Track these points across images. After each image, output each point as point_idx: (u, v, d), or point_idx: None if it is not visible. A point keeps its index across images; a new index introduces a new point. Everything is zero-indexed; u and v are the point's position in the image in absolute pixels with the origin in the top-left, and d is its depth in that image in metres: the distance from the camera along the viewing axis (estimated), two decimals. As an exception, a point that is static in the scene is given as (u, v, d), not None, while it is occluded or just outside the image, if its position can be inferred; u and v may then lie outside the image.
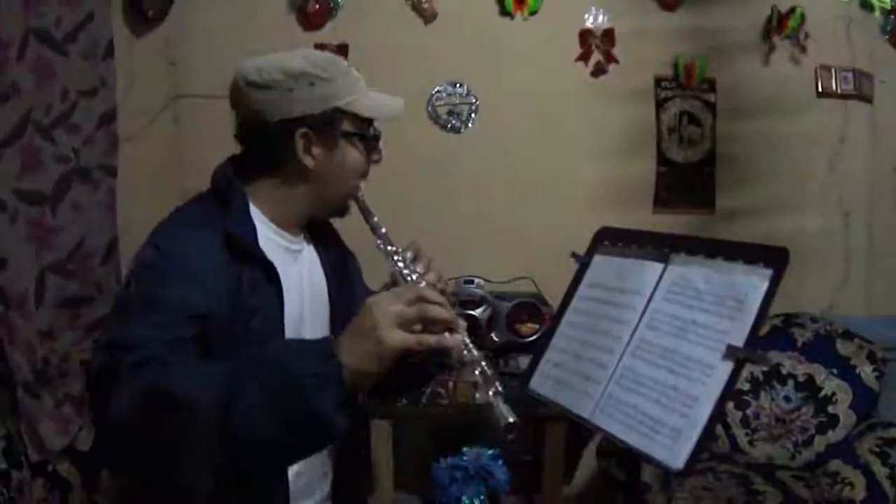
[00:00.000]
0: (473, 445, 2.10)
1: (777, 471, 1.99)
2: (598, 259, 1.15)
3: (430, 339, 0.85)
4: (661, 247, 1.03)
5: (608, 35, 2.34)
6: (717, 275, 0.94)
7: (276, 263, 1.01)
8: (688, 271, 0.98)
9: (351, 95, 1.03)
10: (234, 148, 1.12)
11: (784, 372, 2.19)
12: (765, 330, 2.26)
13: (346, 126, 1.04)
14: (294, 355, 0.82)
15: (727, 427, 2.18)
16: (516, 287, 2.17)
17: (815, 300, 2.38)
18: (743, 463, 2.06)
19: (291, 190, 1.06)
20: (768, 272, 0.89)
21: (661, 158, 2.39)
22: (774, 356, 2.20)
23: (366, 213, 1.09)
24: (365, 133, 1.07)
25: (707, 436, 0.85)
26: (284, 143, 1.02)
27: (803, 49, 2.38)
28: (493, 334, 2.09)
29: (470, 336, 0.92)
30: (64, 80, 1.91)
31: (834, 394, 2.11)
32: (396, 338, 0.81)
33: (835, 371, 2.13)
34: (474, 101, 2.34)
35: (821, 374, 2.14)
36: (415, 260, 1.04)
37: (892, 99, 2.42)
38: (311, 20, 2.27)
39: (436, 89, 2.32)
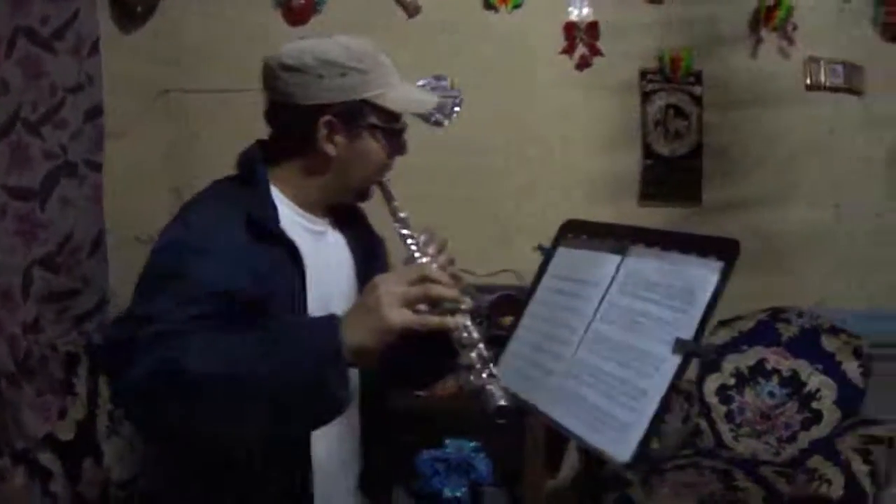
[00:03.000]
0: (456, 437, 2.10)
1: (760, 466, 1.98)
2: (561, 251, 1.15)
3: (432, 320, 0.87)
4: (620, 239, 1.03)
5: (592, 28, 2.33)
6: (670, 267, 0.93)
7: (299, 244, 1.02)
8: (642, 263, 0.97)
9: (381, 88, 1.04)
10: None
11: (769, 367, 2.17)
12: (750, 324, 2.26)
13: (372, 118, 1.04)
14: (300, 330, 0.85)
15: (712, 422, 2.17)
16: (499, 280, 2.17)
17: (805, 293, 2.35)
18: (727, 458, 2.05)
19: (313, 175, 1.06)
20: (719, 265, 0.88)
21: (647, 151, 2.37)
22: (759, 351, 2.19)
23: (388, 197, 1.10)
24: (390, 127, 1.07)
25: (654, 429, 0.85)
26: (308, 129, 1.02)
27: (791, 41, 2.36)
28: (474, 326, 2.10)
29: (474, 318, 0.93)
30: (51, 78, 1.94)
31: (818, 389, 2.08)
32: (399, 317, 0.83)
33: (819, 367, 2.11)
34: (458, 94, 2.33)
35: (805, 369, 2.12)
36: (427, 243, 1.05)
37: (882, 91, 2.39)
38: (296, 15, 2.28)
39: (419, 83, 2.31)
